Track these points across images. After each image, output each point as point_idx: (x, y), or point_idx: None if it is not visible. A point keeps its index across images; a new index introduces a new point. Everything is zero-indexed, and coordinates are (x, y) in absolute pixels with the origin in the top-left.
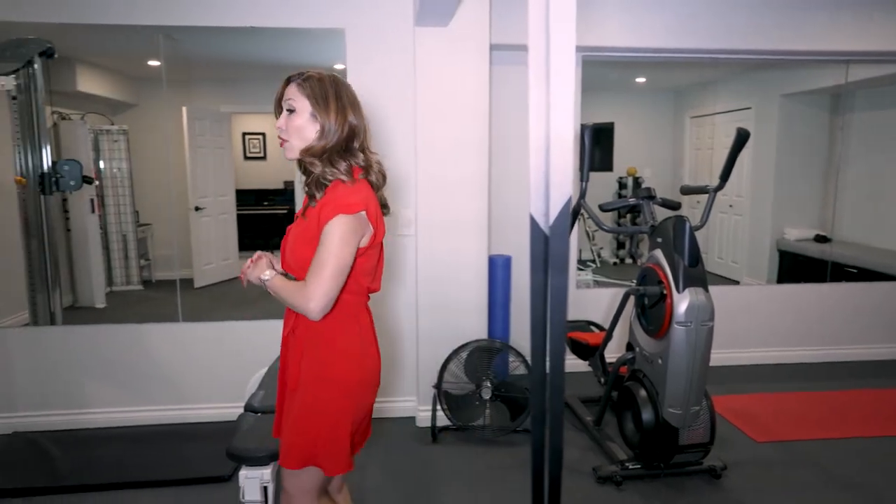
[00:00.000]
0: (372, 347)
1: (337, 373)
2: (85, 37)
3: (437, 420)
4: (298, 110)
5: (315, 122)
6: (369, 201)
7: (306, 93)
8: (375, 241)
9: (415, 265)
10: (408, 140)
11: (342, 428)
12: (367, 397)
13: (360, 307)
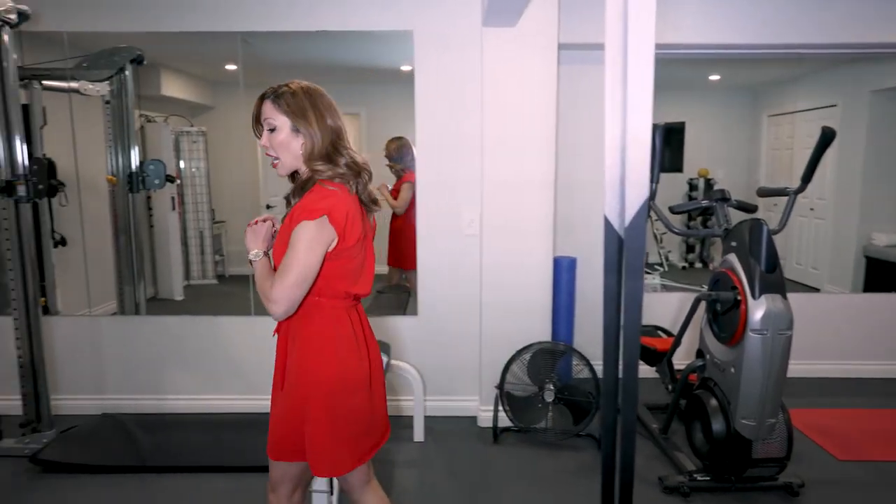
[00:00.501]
0: (351, 351)
1: (312, 375)
2: (170, 44)
3: (498, 421)
4: (279, 127)
5: (298, 135)
6: (336, 208)
7: (283, 109)
8: (344, 247)
9: (479, 266)
10: (473, 140)
11: (320, 428)
12: (347, 399)
13: (339, 311)
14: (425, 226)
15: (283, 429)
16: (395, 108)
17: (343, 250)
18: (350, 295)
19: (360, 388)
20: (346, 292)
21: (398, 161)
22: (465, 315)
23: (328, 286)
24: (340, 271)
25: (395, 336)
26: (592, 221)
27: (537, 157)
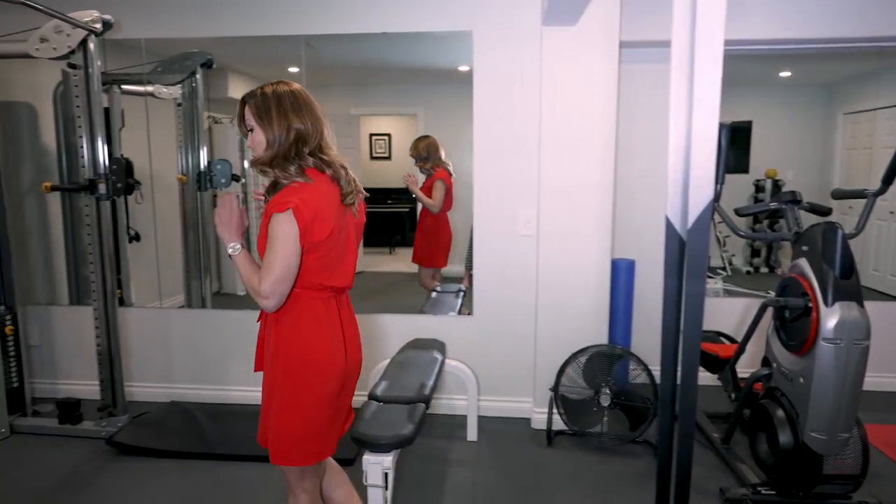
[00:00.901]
0: (326, 342)
1: (286, 363)
2: (237, 48)
3: (552, 423)
4: (254, 128)
5: (265, 136)
6: (305, 202)
7: (254, 112)
8: (311, 241)
9: (535, 266)
10: (531, 140)
11: (286, 415)
12: (317, 388)
13: (316, 301)
14: (481, 227)
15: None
16: (452, 108)
17: (312, 244)
18: (327, 287)
19: (332, 378)
20: (322, 284)
21: (427, 160)
22: (520, 316)
23: (304, 278)
24: (315, 265)
25: (450, 335)
26: (651, 223)
27: (596, 157)
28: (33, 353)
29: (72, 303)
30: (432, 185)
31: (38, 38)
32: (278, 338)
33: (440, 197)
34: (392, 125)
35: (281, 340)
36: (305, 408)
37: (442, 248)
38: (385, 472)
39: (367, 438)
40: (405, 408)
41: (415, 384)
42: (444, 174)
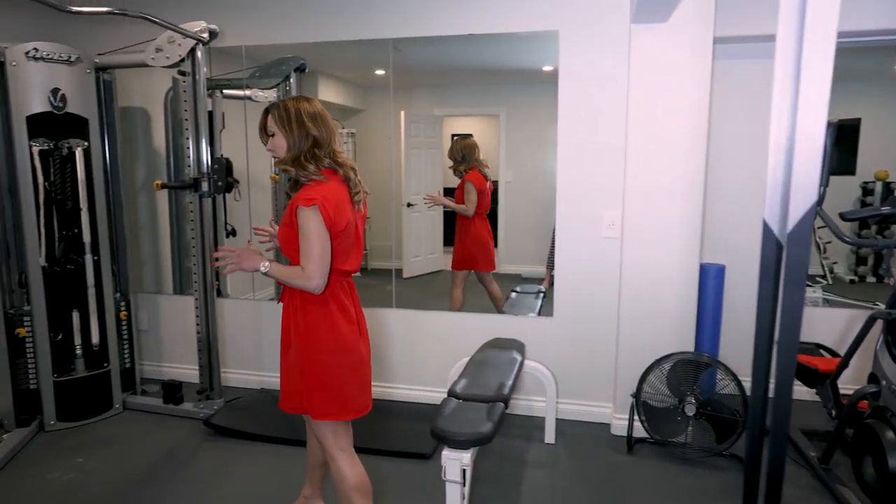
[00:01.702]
0: (347, 317)
1: (318, 337)
2: (327, 52)
3: (633, 430)
4: (276, 133)
5: (285, 137)
6: (326, 198)
7: (276, 120)
8: (334, 231)
9: (618, 269)
10: (617, 140)
11: (315, 380)
12: (340, 358)
13: (332, 283)
14: (564, 228)
15: (292, 383)
16: (535, 109)
17: (335, 233)
18: (341, 271)
19: (354, 348)
20: (339, 269)
21: (461, 162)
22: (602, 319)
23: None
24: (335, 251)
25: (529, 336)
26: (744, 226)
27: (685, 157)
28: (142, 338)
29: (175, 292)
30: (464, 187)
31: (154, 48)
32: (309, 317)
33: (472, 199)
34: (474, 125)
35: (312, 318)
36: (339, 370)
37: (479, 251)
38: (463, 469)
39: (447, 434)
40: (484, 406)
41: (494, 383)
42: (474, 176)
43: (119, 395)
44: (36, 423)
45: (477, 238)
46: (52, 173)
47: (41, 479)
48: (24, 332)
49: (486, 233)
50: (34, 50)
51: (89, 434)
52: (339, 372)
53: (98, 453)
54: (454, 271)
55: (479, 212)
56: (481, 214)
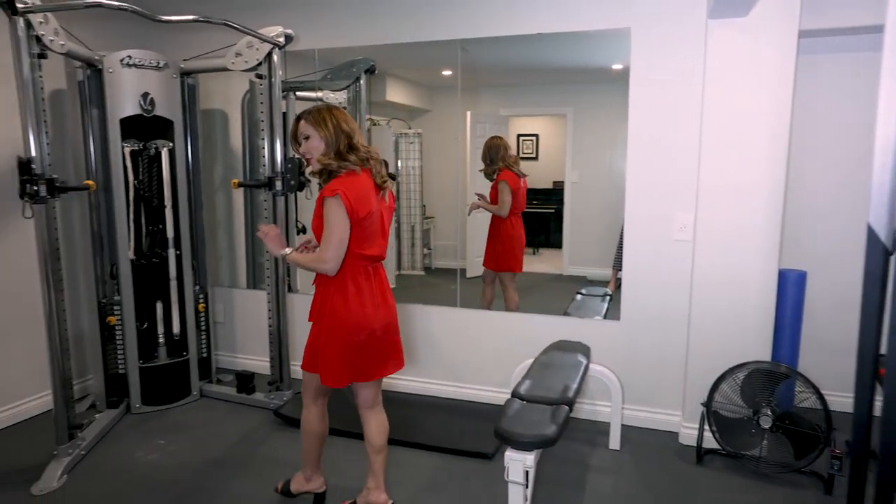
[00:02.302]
0: (359, 302)
1: (333, 313)
2: (395, 54)
3: (703, 441)
4: (311, 136)
5: (322, 140)
6: (350, 187)
7: (311, 122)
8: (355, 219)
9: (690, 273)
10: (691, 139)
11: (330, 351)
12: (351, 336)
13: (356, 268)
14: (633, 229)
15: (313, 348)
16: (604, 108)
17: (356, 221)
18: (364, 257)
19: (362, 329)
20: (362, 254)
21: (491, 163)
22: (671, 324)
23: (349, 249)
24: (357, 237)
25: (595, 339)
26: (828, 231)
27: (764, 157)
28: (218, 329)
29: (249, 287)
30: (498, 187)
31: (233, 53)
32: (327, 297)
33: (506, 200)
34: (540, 125)
35: (328, 298)
36: (340, 348)
37: (508, 252)
38: (526, 470)
39: (510, 435)
40: (548, 408)
41: (559, 386)
42: (507, 175)
43: (197, 383)
44: (123, 405)
45: (508, 238)
46: (141, 172)
47: (128, 457)
48: (114, 320)
49: (518, 233)
50: (128, 57)
51: (170, 418)
52: (348, 348)
53: (178, 437)
54: (485, 269)
55: (514, 211)
56: (516, 214)
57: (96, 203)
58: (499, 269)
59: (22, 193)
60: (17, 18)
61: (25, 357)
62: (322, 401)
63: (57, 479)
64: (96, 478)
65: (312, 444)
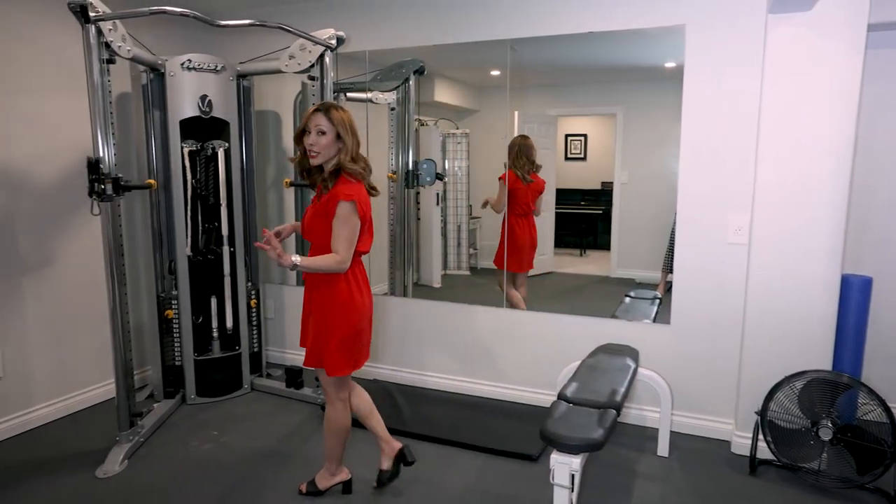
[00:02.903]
0: (359, 291)
1: (343, 306)
2: (444, 54)
3: (757, 450)
4: (327, 133)
5: (338, 140)
6: (361, 197)
7: (334, 122)
8: (362, 223)
9: (744, 277)
10: (747, 139)
11: (335, 342)
12: (358, 323)
13: (354, 262)
14: (685, 231)
15: (313, 345)
16: (655, 107)
17: (362, 225)
18: (359, 252)
19: (364, 316)
20: (359, 251)
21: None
22: (724, 329)
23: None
24: (360, 237)
25: (644, 343)
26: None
27: (827, 157)
28: (268, 325)
29: (299, 284)
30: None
31: (287, 55)
32: (330, 291)
33: (498, 198)
34: (589, 125)
35: (333, 292)
36: (345, 337)
37: (509, 250)
38: (572, 474)
39: (556, 438)
40: (595, 412)
41: (606, 389)
42: (508, 174)
43: (248, 377)
44: (179, 396)
45: (509, 238)
46: (198, 171)
47: (183, 445)
48: (171, 313)
49: (519, 234)
50: (188, 61)
51: (222, 410)
52: (350, 335)
53: (230, 428)
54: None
55: (516, 212)
56: (519, 214)
57: (157, 201)
58: (500, 268)
59: (91, 192)
60: (89, 26)
61: (90, 347)
62: (346, 395)
63: (119, 463)
64: (154, 464)
65: (339, 439)
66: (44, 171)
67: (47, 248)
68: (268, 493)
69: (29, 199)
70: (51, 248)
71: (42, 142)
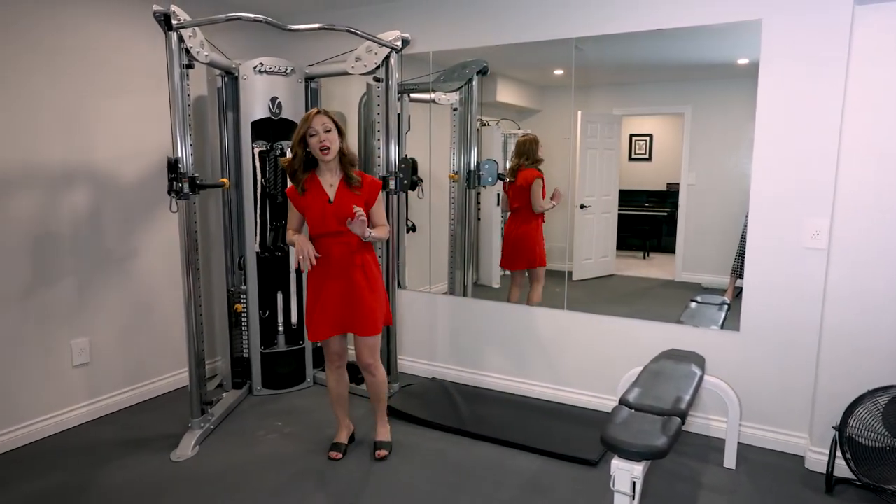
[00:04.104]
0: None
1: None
2: (507, 54)
3: (835, 468)
4: (332, 131)
5: (340, 136)
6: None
7: (332, 117)
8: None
9: (822, 284)
10: (827, 138)
11: (383, 306)
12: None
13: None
14: (756, 234)
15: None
16: (726, 106)
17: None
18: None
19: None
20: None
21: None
22: (799, 338)
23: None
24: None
25: (710, 350)
26: None
27: None
28: None
29: None
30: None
31: (354, 58)
32: (374, 259)
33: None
34: (654, 125)
35: (374, 259)
36: (385, 296)
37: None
38: (633, 481)
39: (618, 444)
40: (659, 419)
41: (670, 396)
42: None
43: (310, 371)
44: (246, 387)
45: (506, 237)
46: (267, 171)
47: (250, 435)
48: (240, 307)
49: (507, 231)
50: (260, 64)
51: (286, 402)
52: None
53: (293, 420)
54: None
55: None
56: (512, 212)
57: (228, 199)
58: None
59: (169, 190)
60: (172, 33)
61: (167, 337)
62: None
63: (191, 448)
64: (223, 451)
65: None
66: (127, 171)
67: (130, 242)
68: (330, 485)
69: (114, 197)
70: (133, 243)
71: (125, 143)
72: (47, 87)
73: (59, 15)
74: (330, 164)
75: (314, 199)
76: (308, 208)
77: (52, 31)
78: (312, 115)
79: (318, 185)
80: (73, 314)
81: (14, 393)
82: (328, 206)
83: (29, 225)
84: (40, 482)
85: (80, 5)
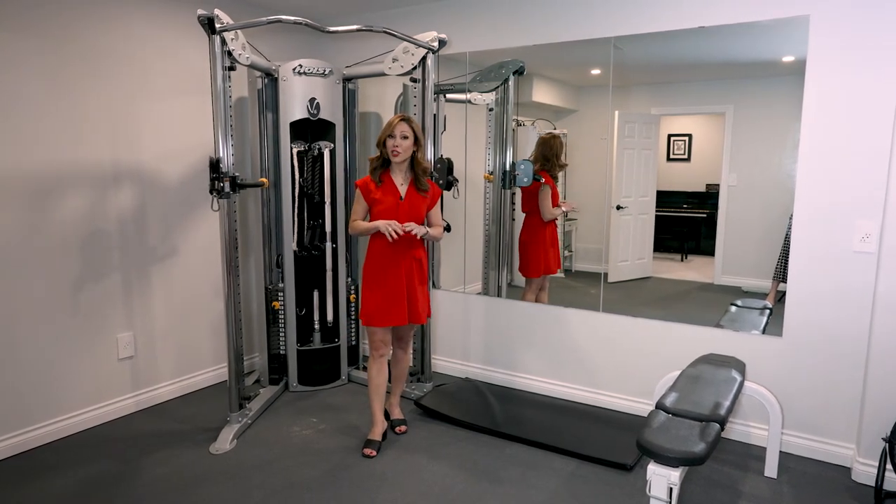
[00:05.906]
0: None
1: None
2: (544, 54)
3: (884, 481)
4: (409, 138)
5: (415, 144)
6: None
7: (415, 130)
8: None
9: (872, 289)
10: (880, 139)
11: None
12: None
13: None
14: (801, 237)
15: (425, 299)
16: (770, 105)
17: None
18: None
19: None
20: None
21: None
22: (846, 345)
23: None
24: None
25: (751, 355)
26: None
27: None
28: None
29: None
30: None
31: (391, 59)
32: (424, 251)
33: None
34: (694, 125)
35: (423, 259)
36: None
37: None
38: (670, 487)
39: (655, 448)
40: (697, 424)
41: (709, 401)
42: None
43: (345, 369)
44: (282, 383)
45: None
46: (305, 171)
47: (285, 430)
48: (278, 305)
49: (522, 235)
50: (299, 66)
51: (321, 399)
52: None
53: (328, 416)
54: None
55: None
56: (525, 215)
57: (267, 198)
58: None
59: (211, 189)
60: (215, 37)
61: (207, 333)
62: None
63: (229, 441)
64: (259, 445)
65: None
66: (170, 170)
67: (172, 240)
68: (365, 482)
69: (158, 196)
70: (175, 240)
71: (169, 143)
72: (96, 90)
73: (108, 21)
74: (401, 166)
75: (385, 195)
76: (379, 202)
77: (101, 35)
78: (396, 122)
79: (391, 183)
80: (119, 309)
81: (63, 384)
82: (400, 203)
83: (79, 223)
84: (88, 469)
85: (128, 12)
